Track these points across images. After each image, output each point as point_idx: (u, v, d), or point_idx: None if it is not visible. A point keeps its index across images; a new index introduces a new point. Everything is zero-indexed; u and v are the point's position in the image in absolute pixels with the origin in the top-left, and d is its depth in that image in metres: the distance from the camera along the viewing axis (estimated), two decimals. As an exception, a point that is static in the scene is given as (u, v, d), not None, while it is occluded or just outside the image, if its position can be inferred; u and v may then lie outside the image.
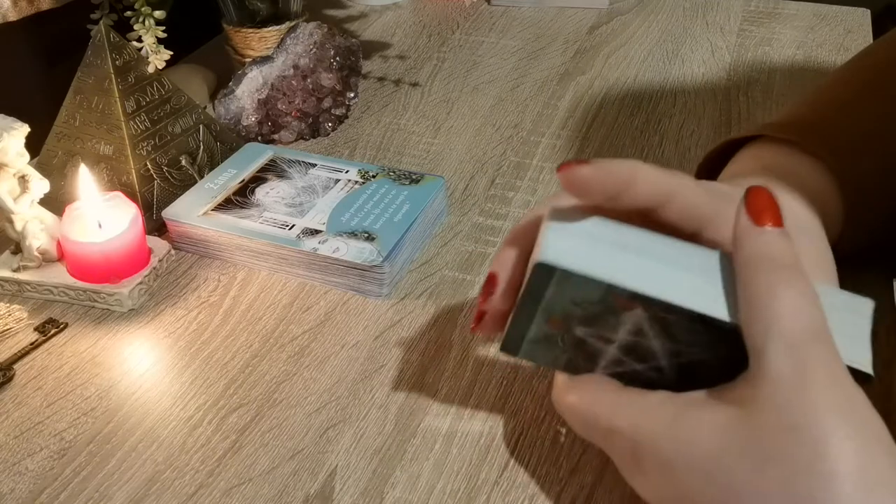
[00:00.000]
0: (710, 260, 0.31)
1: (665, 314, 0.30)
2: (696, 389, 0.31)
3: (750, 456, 0.28)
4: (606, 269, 0.30)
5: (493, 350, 0.46)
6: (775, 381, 0.27)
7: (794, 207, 0.39)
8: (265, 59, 0.68)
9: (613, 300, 0.31)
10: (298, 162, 0.60)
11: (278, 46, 0.68)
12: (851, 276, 0.50)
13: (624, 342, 0.32)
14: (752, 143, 0.45)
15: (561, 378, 0.35)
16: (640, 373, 0.33)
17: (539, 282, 0.31)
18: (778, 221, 0.30)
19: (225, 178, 0.58)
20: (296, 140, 0.68)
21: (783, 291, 0.28)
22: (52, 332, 0.49)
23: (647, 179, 0.32)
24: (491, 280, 0.35)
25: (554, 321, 0.33)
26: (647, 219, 0.34)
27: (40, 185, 0.51)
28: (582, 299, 0.31)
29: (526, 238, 0.35)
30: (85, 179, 0.50)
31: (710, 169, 0.48)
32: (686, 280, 0.30)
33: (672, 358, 0.32)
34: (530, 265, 0.32)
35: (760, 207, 0.31)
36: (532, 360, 0.36)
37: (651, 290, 0.30)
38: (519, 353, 0.35)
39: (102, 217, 0.50)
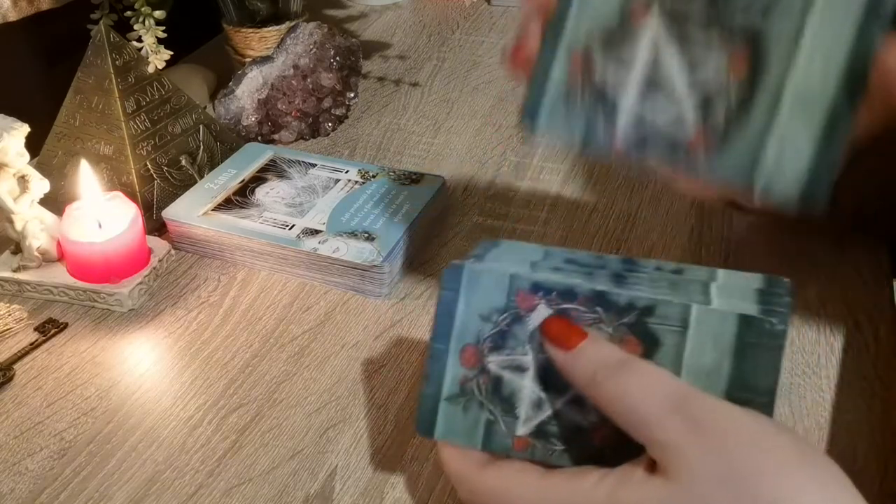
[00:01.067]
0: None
1: (565, 304, 0.31)
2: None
3: None
4: (507, 265, 0.33)
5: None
6: (680, 454, 0.28)
7: None
8: (265, 59, 0.68)
9: (517, 301, 0.32)
10: (298, 162, 0.60)
11: (278, 46, 0.68)
12: (852, 275, 0.50)
13: (537, 363, 0.32)
14: None
15: (466, 461, 0.33)
16: (562, 416, 0.32)
17: (449, 290, 0.33)
18: (582, 334, 0.31)
19: (225, 178, 0.58)
20: (296, 140, 0.68)
21: (633, 384, 0.29)
22: (52, 332, 0.49)
23: None
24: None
25: (467, 353, 0.33)
26: None
27: (40, 185, 0.51)
28: (489, 309, 0.32)
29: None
30: (85, 178, 0.50)
31: None
32: (580, 276, 0.32)
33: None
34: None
35: (564, 334, 0.31)
36: (451, 435, 0.33)
37: (548, 279, 0.32)
38: (436, 427, 0.33)
39: (102, 217, 0.50)
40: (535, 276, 0.32)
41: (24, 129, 0.49)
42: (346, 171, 0.59)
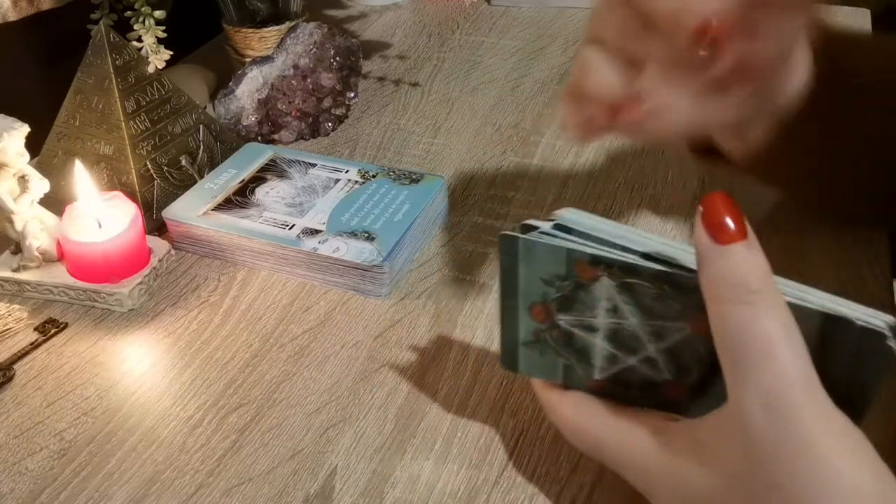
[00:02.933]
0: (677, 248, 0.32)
1: (629, 278, 0.30)
2: (689, 380, 0.31)
3: None
4: (565, 241, 0.32)
5: (493, 350, 0.46)
6: (756, 440, 0.26)
7: None
8: (265, 59, 0.68)
9: (577, 271, 0.31)
10: (298, 162, 0.60)
11: (278, 46, 0.68)
12: (852, 275, 0.50)
13: (606, 327, 0.32)
14: None
15: (550, 391, 0.35)
16: (635, 370, 0.33)
17: (508, 258, 0.32)
18: (742, 233, 0.27)
19: (225, 178, 0.58)
20: (296, 140, 0.68)
21: (753, 327, 0.26)
22: (52, 332, 0.49)
23: None
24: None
25: (535, 310, 0.33)
26: None
27: (40, 185, 0.51)
28: (550, 276, 0.32)
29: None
30: (82, 179, 0.50)
31: None
32: (644, 246, 0.31)
33: (657, 341, 0.32)
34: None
35: (720, 220, 0.27)
36: (533, 372, 0.36)
37: (608, 252, 0.31)
38: (518, 364, 0.36)
39: (102, 217, 0.50)
40: (594, 250, 0.31)
41: (24, 129, 0.49)
42: (346, 171, 0.59)
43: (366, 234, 0.52)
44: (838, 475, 0.25)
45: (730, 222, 0.27)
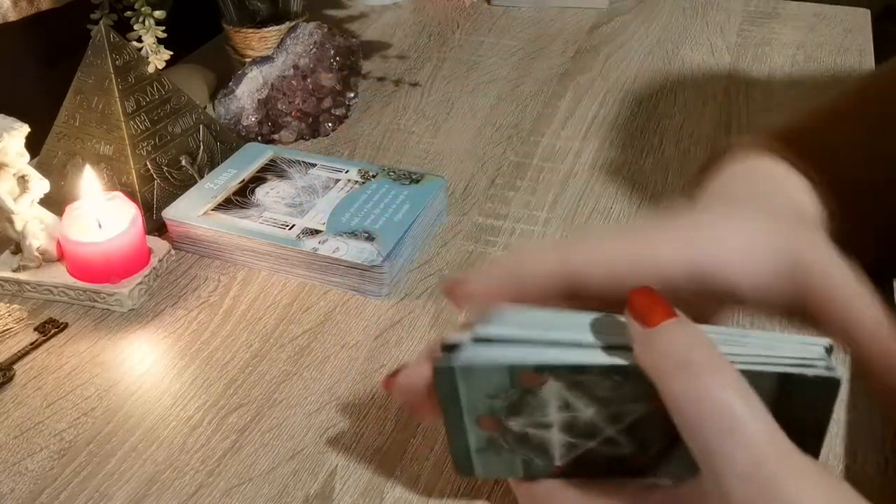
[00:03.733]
0: (607, 319, 0.30)
1: (578, 377, 0.29)
2: (653, 450, 0.31)
3: None
4: (501, 354, 0.30)
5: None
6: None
7: (789, 201, 0.38)
8: (265, 59, 0.68)
9: (523, 380, 0.30)
10: (298, 162, 0.60)
11: (278, 46, 0.68)
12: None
13: (560, 421, 0.31)
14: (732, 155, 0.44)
15: (522, 487, 0.33)
16: (597, 451, 0.32)
17: (446, 387, 0.31)
18: (670, 313, 0.27)
19: (225, 178, 0.58)
20: (296, 140, 0.68)
21: (713, 405, 0.25)
22: (52, 332, 0.49)
23: (532, 271, 0.31)
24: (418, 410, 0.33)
25: (484, 421, 0.32)
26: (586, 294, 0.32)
27: (40, 185, 0.51)
28: (495, 389, 0.31)
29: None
30: (86, 179, 0.50)
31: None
32: (584, 344, 0.29)
33: (614, 424, 0.31)
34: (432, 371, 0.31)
35: (648, 308, 0.27)
36: (491, 474, 0.34)
37: (551, 358, 0.29)
38: (475, 470, 0.34)
39: (102, 217, 0.50)
40: (536, 359, 0.29)
41: (24, 129, 0.49)
42: (346, 171, 0.59)
43: (366, 234, 0.52)
44: None
45: (658, 306, 0.27)
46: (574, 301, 0.32)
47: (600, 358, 0.29)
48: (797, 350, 0.29)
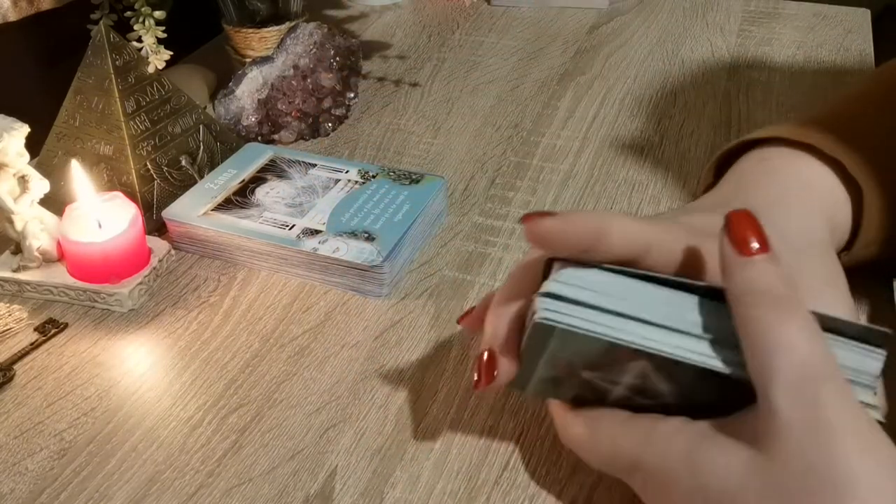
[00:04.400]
0: (711, 307, 0.31)
1: (669, 366, 0.30)
2: (701, 416, 0.31)
3: (769, 499, 0.27)
4: (607, 327, 0.30)
5: (493, 350, 0.46)
6: (786, 425, 0.27)
7: (800, 220, 0.38)
8: (265, 59, 0.68)
9: (616, 354, 0.30)
10: (298, 162, 0.60)
11: (278, 46, 0.68)
12: (850, 275, 0.50)
13: (631, 384, 0.32)
14: (762, 145, 0.45)
15: (563, 412, 0.34)
16: (647, 407, 0.32)
17: (540, 339, 0.31)
18: (764, 247, 0.29)
19: (225, 179, 0.58)
20: (296, 140, 0.68)
21: (779, 328, 0.27)
22: (52, 332, 0.49)
23: (621, 232, 0.31)
24: (490, 362, 0.34)
25: (559, 367, 0.33)
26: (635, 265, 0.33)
27: (40, 185, 0.51)
28: (585, 352, 0.31)
29: (516, 294, 0.34)
30: (80, 180, 0.50)
31: (720, 166, 0.47)
32: (689, 333, 0.30)
33: (680, 398, 0.31)
34: (529, 321, 0.31)
35: (743, 235, 0.29)
36: (540, 396, 0.36)
37: (654, 346, 0.29)
38: (527, 390, 0.35)
39: (102, 217, 0.50)
40: (639, 341, 0.30)
41: (24, 129, 0.49)
42: (346, 171, 0.59)
43: (366, 235, 0.52)
44: (855, 474, 0.26)
45: (753, 237, 0.29)
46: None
47: (700, 357, 0.29)
48: (854, 360, 0.29)
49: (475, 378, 0.35)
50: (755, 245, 0.29)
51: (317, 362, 0.46)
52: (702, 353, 0.29)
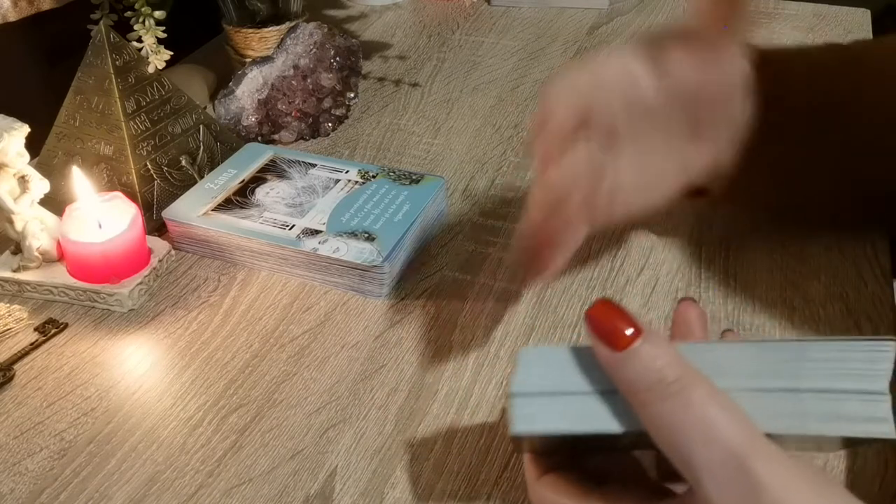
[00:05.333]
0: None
1: (638, 436, 0.29)
2: None
3: None
4: (570, 421, 0.29)
5: (493, 350, 0.46)
6: None
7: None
8: (265, 59, 0.68)
9: (592, 438, 0.30)
10: (298, 162, 0.60)
11: (278, 46, 0.68)
12: (852, 275, 0.50)
13: (626, 442, 0.31)
14: None
15: (531, 475, 0.34)
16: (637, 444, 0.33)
17: (521, 441, 0.32)
18: (637, 332, 0.26)
19: (225, 179, 0.58)
20: (296, 140, 0.68)
21: (686, 416, 0.25)
22: (52, 332, 0.49)
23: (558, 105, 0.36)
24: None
25: (553, 445, 0.33)
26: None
27: (40, 185, 0.51)
28: (566, 439, 0.31)
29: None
30: (80, 182, 0.50)
31: None
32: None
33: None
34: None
35: (610, 329, 0.27)
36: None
37: (616, 427, 0.29)
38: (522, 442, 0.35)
39: (102, 217, 0.50)
40: (602, 426, 0.29)
41: (24, 129, 0.49)
42: (346, 171, 0.59)
43: (366, 235, 0.52)
44: None
45: (622, 326, 0.26)
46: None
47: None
48: (862, 357, 0.28)
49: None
50: (628, 331, 0.26)
51: (317, 362, 0.46)
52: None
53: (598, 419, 0.29)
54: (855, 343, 0.28)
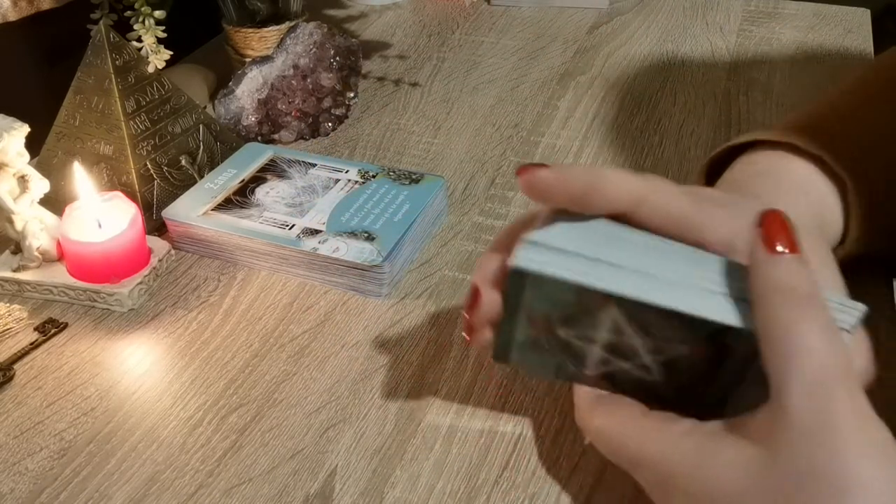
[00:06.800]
0: (695, 257, 0.31)
1: (639, 311, 0.30)
2: (683, 384, 0.32)
3: (772, 499, 0.27)
4: (578, 272, 0.31)
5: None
6: (797, 424, 0.27)
7: (794, 211, 0.39)
8: (265, 59, 0.68)
9: (587, 300, 0.31)
10: (298, 162, 0.60)
11: (278, 46, 0.68)
12: (851, 274, 0.50)
13: (605, 341, 0.32)
14: (751, 149, 0.45)
15: (584, 399, 0.35)
16: (628, 371, 0.33)
17: (514, 286, 0.32)
18: (794, 247, 0.29)
19: (225, 178, 0.58)
20: (296, 140, 0.68)
21: (803, 327, 0.28)
22: (52, 332, 0.49)
23: (616, 183, 0.32)
24: (474, 294, 0.35)
25: (536, 322, 0.33)
26: (629, 221, 0.34)
27: (40, 185, 0.51)
28: (558, 302, 0.32)
29: (509, 243, 0.35)
30: (82, 180, 0.50)
31: (710, 174, 0.48)
32: (658, 279, 0.31)
33: (654, 355, 0.32)
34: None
35: (775, 233, 0.30)
36: (524, 365, 0.36)
37: (621, 289, 0.30)
38: (510, 359, 0.35)
39: (102, 217, 0.50)
40: (608, 284, 0.30)
41: (24, 129, 0.49)
42: (346, 171, 0.59)
43: (366, 234, 0.52)
44: (857, 475, 0.26)
45: (784, 236, 0.30)
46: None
47: (668, 300, 0.30)
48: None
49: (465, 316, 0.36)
50: (785, 245, 0.29)
51: (317, 362, 0.46)
52: (671, 297, 0.30)
53: (604, 280, 0.30)
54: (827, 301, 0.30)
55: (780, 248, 0.29)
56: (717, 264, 0.31)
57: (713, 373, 0.31)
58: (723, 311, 0.30)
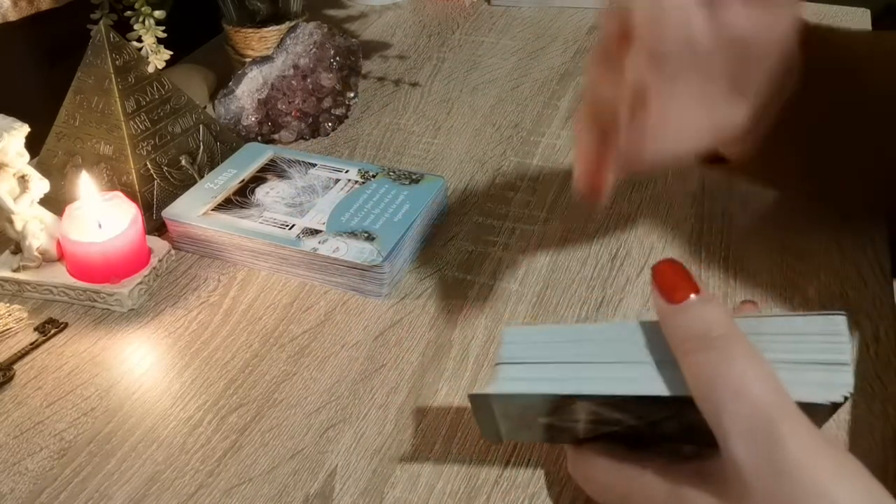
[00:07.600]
0: (636, 339, 0.31)
1: (609, 401, 0.30)
2: (674, 430, 0.32)
3: None
4: (534, 380, 0.31)
5: (492, 350, 0.46)
6: (748, 475, 0.26)
7: None
8: (265, 59, 0.68)
9: (556, 402, 0.31)
10: (298, 162, 0.60)
11: (278, 46, 0.68)
12: (852, 275, 0.50)
13: (587, 420, 0.32)
14: None
15: (570, 452, 0.35)
16: (616, 434, 0.33)
17: (480, 407, 0.33)
18: (695, 288, 0.29)
19: (225, 178, 0.58)
20: (296, 140, 0.68)
21: (724, 370, 0.27)
22: (52, 332, 0.49)
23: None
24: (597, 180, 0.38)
25: (515, 420, 0.34)
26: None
27: (40, 185, 0.51)
28: (527, 407, 0.32)
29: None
30: (83, 182, 0.50)
31: None
32: (619, 371, 0.30)
33: (638, 420, 0.32)
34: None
35: (670, 282, 0.29)
36: (517, 439, 0.37)
37: (584, 389, 0.30)
38: (502, 439, 0.36)
39: (102, 217, 0.50)
40: (570, 389, 0.30)
41: (24, 129, 0.49)
42: (346, 171, 0.59)
43: (366, 234, 0.52)
44: (834, 501, 0.25)
45: (683, 283, 0.29)
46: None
47: (627, 386, 0.30)
48: (818, 327, 0.29)
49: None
50: (687, 288, 0.29)
51: (317, 362, 0.46)
52: (634, 381, 0.30)
53: (578, 383, 0.30)
54: (809, 318, 0.29)
55: (681, 294, 0.29)
56: (648, 332, 0.31)
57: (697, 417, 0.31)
58: (665, 381, 0.29)
